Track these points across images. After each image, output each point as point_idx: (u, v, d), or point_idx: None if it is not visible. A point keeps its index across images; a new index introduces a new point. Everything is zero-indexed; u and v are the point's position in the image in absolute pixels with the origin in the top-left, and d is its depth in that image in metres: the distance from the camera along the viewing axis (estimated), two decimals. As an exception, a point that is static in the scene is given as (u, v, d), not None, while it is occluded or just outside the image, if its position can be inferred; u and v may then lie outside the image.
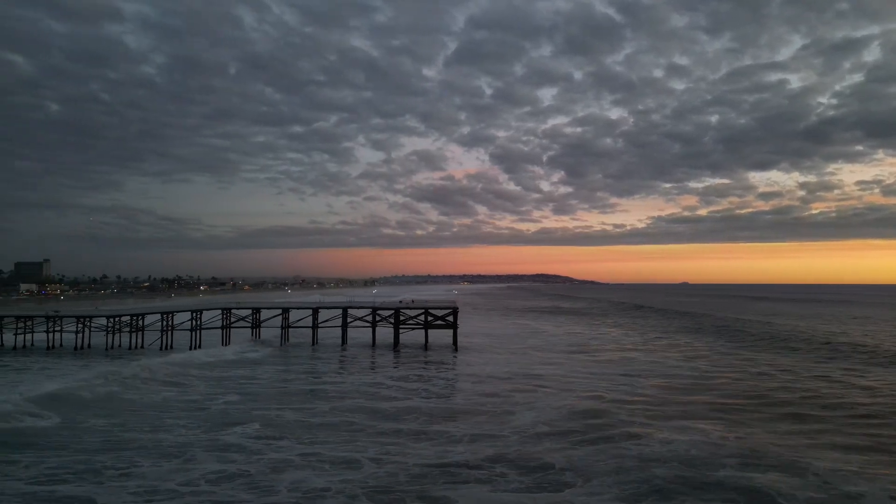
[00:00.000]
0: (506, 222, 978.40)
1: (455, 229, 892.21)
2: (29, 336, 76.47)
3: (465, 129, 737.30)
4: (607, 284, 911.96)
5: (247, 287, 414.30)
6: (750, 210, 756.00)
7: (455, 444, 31.42)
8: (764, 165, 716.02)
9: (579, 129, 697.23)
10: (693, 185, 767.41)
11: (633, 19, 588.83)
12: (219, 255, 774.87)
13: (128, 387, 45.56)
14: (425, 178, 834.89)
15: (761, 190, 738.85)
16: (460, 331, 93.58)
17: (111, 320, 75.48)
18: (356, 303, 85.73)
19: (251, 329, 77.57)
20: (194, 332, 75.62)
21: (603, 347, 75.83)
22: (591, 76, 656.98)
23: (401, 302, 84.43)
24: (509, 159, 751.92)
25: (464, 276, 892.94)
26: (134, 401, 41.67)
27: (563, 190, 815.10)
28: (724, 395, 44.49)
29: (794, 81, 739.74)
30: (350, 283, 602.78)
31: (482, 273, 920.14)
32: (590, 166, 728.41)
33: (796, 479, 26.09)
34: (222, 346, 73.38)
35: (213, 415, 37.65)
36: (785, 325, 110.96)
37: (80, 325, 75.36)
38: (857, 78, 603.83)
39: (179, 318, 78.70)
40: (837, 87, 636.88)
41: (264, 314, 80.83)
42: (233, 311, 79.60)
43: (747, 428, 34.62)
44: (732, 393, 45.11)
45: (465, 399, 43.96)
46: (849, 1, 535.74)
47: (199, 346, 73.88)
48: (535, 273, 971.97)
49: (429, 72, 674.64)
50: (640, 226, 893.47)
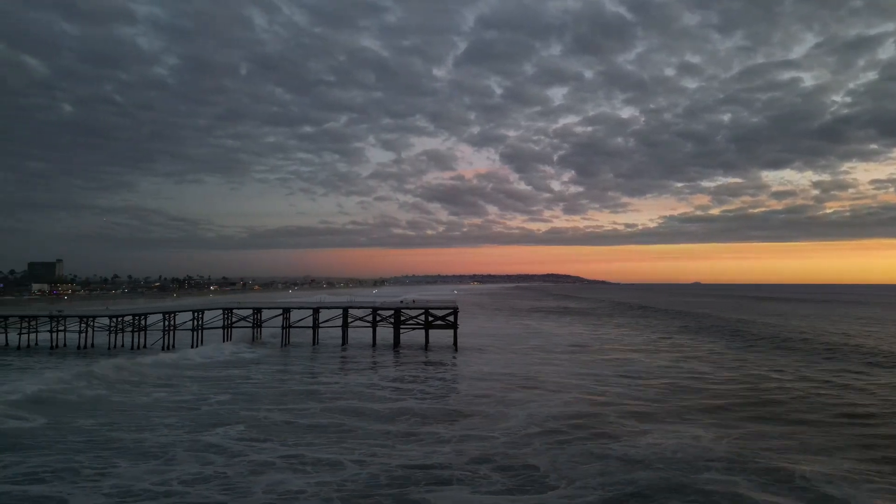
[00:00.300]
0: (516, 222, 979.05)
1: (465, 229, 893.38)
2: (33, 336, 77.00)
3: (475, 129, 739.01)
4: (618, 284, 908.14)
5: (256, 287, 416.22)
6: (763, 209, 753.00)
7: (442, 446, 31.21)
8: (777, 164, 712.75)
9: (590, 129, 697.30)
10: (705, 184, 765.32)
11: (644, 18, 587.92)
12: (230, 256, 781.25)
13: (116, 389, 45.57)
14: (435, 177, 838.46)
15: (774, 189, 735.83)
16: (462, 331, 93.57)
17: (114, 320, 75.87)
18: (357, 303, 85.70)
19: (252, 329, 77.66)
20: (196, 332, 75.95)
21: (604, 348, 75.36)
22: (601, 75, 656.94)
23: (401, 302, 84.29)
24: (520, 159, 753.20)
25: (474, 276, 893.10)
26: (124, 401, 41.70)
27: (574, 189, 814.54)
28: (719, 396, 44.08)
29: (808, 80, 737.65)
30: (360, 282, 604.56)
31: (492, 273, 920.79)
32: (601, 165, 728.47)
33: (781, 484, 25.75)
34: (222, 346, 73.55)
35: (201, 415, 37.61)
36: (789, 325, 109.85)
37: (83, 325, 75.77)
38: (872, 76, 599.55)
39: (181, 317, 79.01)
40: (851, 86, 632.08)
41: (265, 314, 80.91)
42: (234, 310, 79.79)
43: (739, 430, 34.23)
44: (728, 395, 44.66)
45: (459, 400, 43.76)
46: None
47: (202, 343, 74.42)
48: (545, 273, 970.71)
49: (438, 72, 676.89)
50: (652, 225, 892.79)
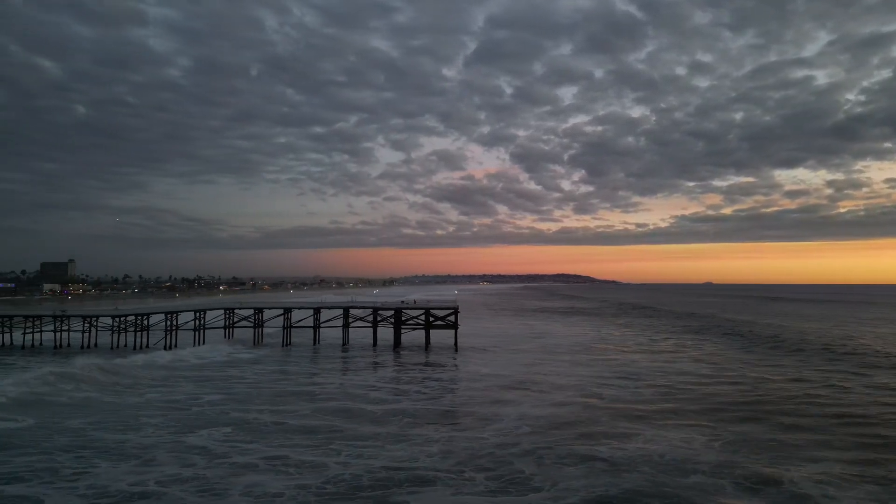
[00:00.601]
0: (526, 222, 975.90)
1: (475, 229, 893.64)
2: (38, 335, 77.38)
3: (485, 129, 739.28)
4: (628, 284, 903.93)
5: (266, 287, 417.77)
6: (776, 209, 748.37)
7: (431, 447, 31.02)
8: (790, 163, 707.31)
9: (600, 128, 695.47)
10: (717, 183, 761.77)
11: (654, 16, 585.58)
12: (242, 256, 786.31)
13: (108, 390, 45.63)
14: (445, 177, 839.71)
15: (787, 188, 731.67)
16: (465, 331, 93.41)
17: (117, 320, 76.15)
18: (357, 303, 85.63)
19: (253, 329, 77.77)
20: (197, 332, 76.20)
21: (607, 349, 74.88)
22: (612, 74, 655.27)
23: (402, 302, 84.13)
24: (530, 158, 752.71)
25: (483, 275, 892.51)
26: (115, 402, 41.74)
27: (585, 189, 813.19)
28: (715, 399, 43.58)
29: (821, 78, 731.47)
30: (369, 283, 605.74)
31: (502, 273, 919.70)
32: (611, 165, 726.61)
33: (770, 487, 25.39)
34: (219, 346, 73.77)
35: (190, 416, 37.58)
36: (793, 327, 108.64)
37: (86, 325, 76.13)
38: (886, 73, 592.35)
39: (184, 317, 79.27)
40: (865, 84, 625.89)
41: (267, 314, 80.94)
42: (235, 310, 79.90)
43: (732, 433, 33.78)
44: (724, 397, 44.14)
45: (454, 401, 43.57)
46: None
47: (204, 341, 74.86)
48: (555, 273, 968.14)
49: (448, 72, 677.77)
50: (663, 225, 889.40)
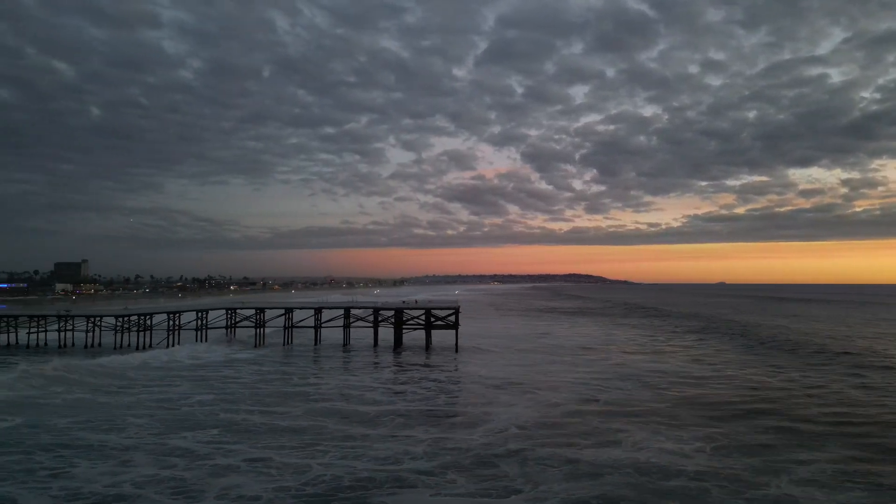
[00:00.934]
0: (537, 221, 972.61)
1: (486, 229, 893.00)
2: (42, 335, 77.97)
3: (496, 129, 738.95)
4: (640, 284, 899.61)
5: (276, 287, 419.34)
6: (790, 208, 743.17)
7: (417, 449, 30.92)
8: (804, 162, 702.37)
9: (612, 127, 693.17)
10: (730, 182, 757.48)
11: (666, 14, 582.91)
12: (254, 256, 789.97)
13: (102, 391, 45.81)
14: (456, 177, 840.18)
15: (802, 187, 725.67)
16: (469, 331, 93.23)
17: (120, 320, 76.63)
18: (358, 303, 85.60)
19: (255, 329, 77.95)
20: (199, 332, 76.56)
21: (609, 349, 74.42)
22: (623, 73, 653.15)
23: (404, 302, 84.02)
24: (541, 158, 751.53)
25: (494, 276, 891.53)
26: (109, 402, 41.85)
27: (596, 189, 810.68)
28: (711, 401, 43.23)
29: (836, 75, 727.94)
30: (379, 283, 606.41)
31: (513, 273, 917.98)
32: (623, 164, 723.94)
33: (755, 490, 25.08)
34: (222, 346, 74.15)
35: (178, 416, 37.59)
36: (801, 328, 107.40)
37: (90, 325, 76.66)
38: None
39: (187, 317, 79.66)
40: (881, 81, 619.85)
41: (268, 314, 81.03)
42: (237, 311, 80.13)
43: (725, 436, 33.37)
44: (721, 399, 43.71)
45: (448, 402, 43.41)
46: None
47: (205, 339, 75.47)
48: (566, 273, 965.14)
49: (459, 71, 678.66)
50: (676, 224, 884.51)
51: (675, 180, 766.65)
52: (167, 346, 73.22)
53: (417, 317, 75.69)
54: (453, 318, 74.31)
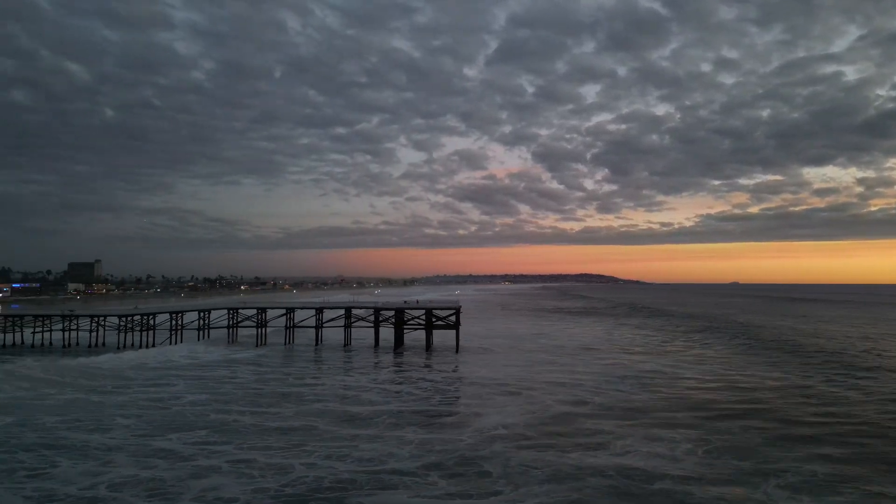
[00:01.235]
0: (549, 221, 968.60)
1: (497, 229, 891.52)
2: (47, 335, 78.56)
3: (507, 128, 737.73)
4: (652, 284, 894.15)
5: (286, 287, 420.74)
6: (804, 207, 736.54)
7: (403, 449, 30.83)
8: (819, 161, 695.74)
9: (624, 126, 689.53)
10: (743, 181, 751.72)
11: (679, 13, 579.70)
12: (266, 256, 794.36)
13: (96, 391, 45.92)
14: (467, 177, 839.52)
15: (816, 186, 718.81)
16: (473, 331, 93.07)
17: (123, 319, 77.06)
18: (359, 303, 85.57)
19: (257, 329, 78.15)
20: (201, 332, 76.88)
21: (609, 350, 73.96)
22: (635, 72, 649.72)
23: (405, 302, 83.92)
24: (552, 158, 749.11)
25: (505, 275, 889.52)
26: (101, 401, 41.98)
27: (608, 188, 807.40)
28: (707, 404, 42.66)
29: (851, 73, 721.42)
30: (390, 282, 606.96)
31: (524, 273, 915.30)
32: (635, 164, 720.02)
33: (739, 493, 24.70)
34: (224, 346, 74.40)
35: (168, 416, 37.68)
36: (807, 329, 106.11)
37: (93, 325, 77.15)
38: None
39: (189, 317, 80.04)
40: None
41: (270, 314, 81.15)
42: (239, 310, 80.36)
43: (718, 440, 32.81)
44: (717, 402, 43.17)
45: (441, 402, 43.30)
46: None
47: (208, 337, 75.89)
48: (578, 273, 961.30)
49: (470, 71, 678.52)
50: (688, 224, 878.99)
51: (687, 179, 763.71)
52: (171, 344, 73.78)
53: (418, 317, 75.56)
54: (454, 319, 74.09)
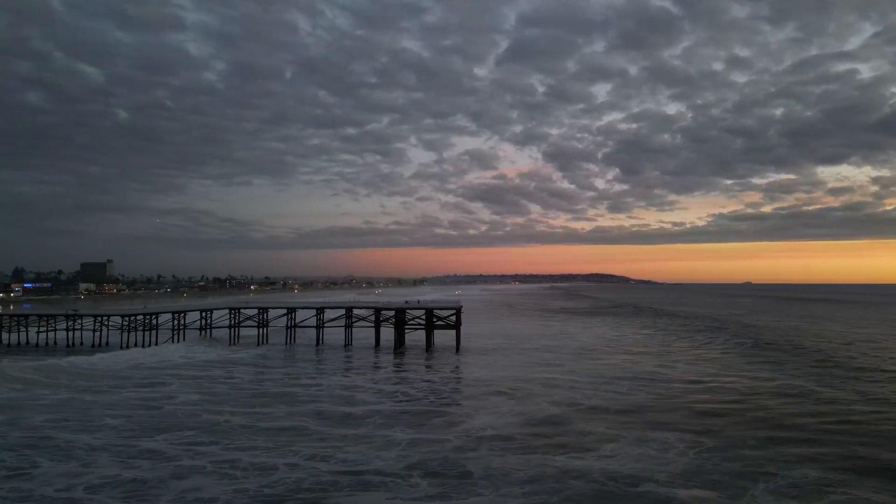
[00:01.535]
0: (560, 221, 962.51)
1: (508, 228, 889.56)
2: (52, 334, 79.07)
3: (518, 128, 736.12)
4: (663, 284, 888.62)
5: (296, 287, 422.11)
6: (818, 206, 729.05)
7: (389, 450, 30.68)
8: (833, 160, 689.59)
9: (635, 126, 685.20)
10: (756, 181, 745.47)
11: (690, 11, 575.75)
12: (278, 256, 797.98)
13: (90, 390, 46.04)
14: (477, 177, 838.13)
15: (830, 185, 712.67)
16: (476, 332, 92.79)
17: (126, 319, 77.44)
18: (360, 303, 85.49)
19: (258, 329, 78.27)
20: (203, 332, 77.10)
21: (611, 350, 73.40)
22: (646, 71, 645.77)
23: (406, 302, 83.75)
24: (563, 157, 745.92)
25: (515, 275, 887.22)
26: (94, 401, 42.05)
27: (619, 187, 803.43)
28: (703, 407, 41.84)
29: (865, 71, 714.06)
30: (400, 282, 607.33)
31: (535, 272, 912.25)
32: (646, 163, 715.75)
33: (723, 497, 24.32)
34: (223, 346, 74.59)
35: (158, 416, 37.66)
36: (812, 330, 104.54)
37: (97, 324, 77.60)
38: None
39: (191, 317, 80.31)
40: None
41: (271, 314, 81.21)
42: (241, 310, 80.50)
43: (709, 443, 32.27)
44: (713, 406, 42.35)
45: (434, 403, 43.10)
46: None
47: (211, 335, 76.28)
48: (589, 273, 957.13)
49: (480, 71, 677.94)
50: (700, 224, 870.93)
51: (699, 179, 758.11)
52: (174, 342, 74.06)
53: (418, 317, 75.36)
54: (454, 319, 73.84)
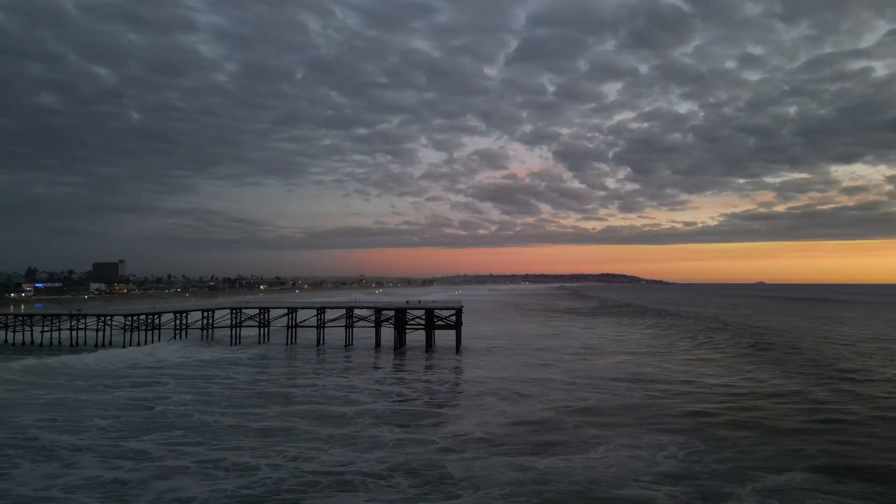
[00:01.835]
0: (570, 221, 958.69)
1: (518, 228, 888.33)
2: (56, 334, 79.62)
3: (528, 128, 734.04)
4: (675, 284, 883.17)
5: (306, 286, 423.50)
6: (832, 206, 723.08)
7: (373, 451, 30.58)
8: (847, 158, 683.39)
9: (646, 125, 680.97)
10: (769, 180, 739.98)
11: (702, 9, 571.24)
12: (289, 256, 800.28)
13: (85, 389, 46.25)
14: (487, 177, 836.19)
15: (845, 184, 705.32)
16: (479, 332, 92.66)
17: (129, 319, 77.88)
18: (361, 303, 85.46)
19: (259, 328, 78.44)
20: (205, 331, 77.36)
21: (611, 351, 72.85)
22: (657, 69, 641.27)
23: (407, 302, 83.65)
24: (573, 156, 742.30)
25: (525, 275, 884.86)
26: (86, 400, 42.20)
27: (630, 187, 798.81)
28: (698, 409, 41.43)
29: (880, 69, 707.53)
30: (409, 282, 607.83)
31: (545, 272, 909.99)
32: (658, 162, 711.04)
33: (708, 499, 24.00)
34: (223, 346, 74.76)
35: (149, 416, 37.73)
36: (816, 330, 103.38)
37: (100, 324, 78.07)
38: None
39: (193, 316, 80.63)
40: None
41: (272, 314, 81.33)
42: (242, 310, 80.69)
43: (702, 444, 31.87)
44: (708, 407, 41.86)
45: (428, 404, 42.90)
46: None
47: (212, 338, 76.28)
48: (599, 273, 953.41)
49: (490, 70, 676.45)
50: (713, 223, 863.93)
51: (711, 178, 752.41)
52: (175, 340, 74.32)
53: (419, 317, 75.23)
54: (454, 319, 73.65)
